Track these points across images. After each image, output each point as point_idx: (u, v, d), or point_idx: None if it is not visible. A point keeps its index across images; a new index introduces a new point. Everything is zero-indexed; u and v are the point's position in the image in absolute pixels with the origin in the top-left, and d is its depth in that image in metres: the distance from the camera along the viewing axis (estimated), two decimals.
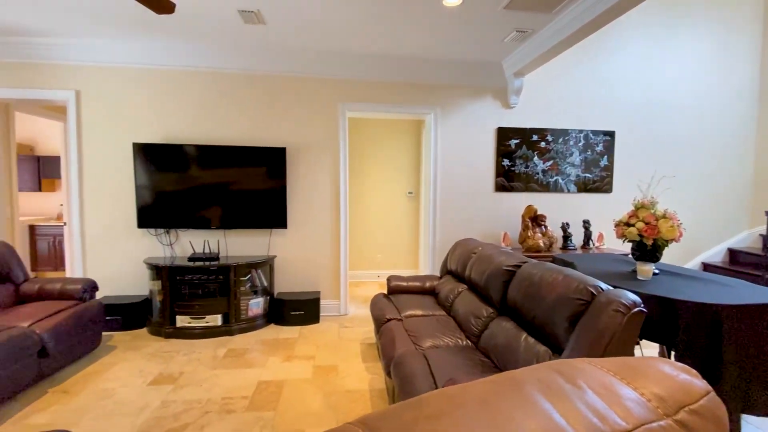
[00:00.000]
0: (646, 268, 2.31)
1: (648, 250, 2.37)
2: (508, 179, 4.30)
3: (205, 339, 3.44)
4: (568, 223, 4.24)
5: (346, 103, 4.03)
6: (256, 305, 3.72)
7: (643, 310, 1.57)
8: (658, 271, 2.49)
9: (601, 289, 1.71)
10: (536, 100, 4.30)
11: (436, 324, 2.65)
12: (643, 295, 2.02)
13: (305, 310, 3.83)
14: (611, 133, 4.43)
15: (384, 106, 4.10)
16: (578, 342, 1.64)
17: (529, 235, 4.05)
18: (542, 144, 4.32)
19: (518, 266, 2.31)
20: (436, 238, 4.28)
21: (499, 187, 4.29)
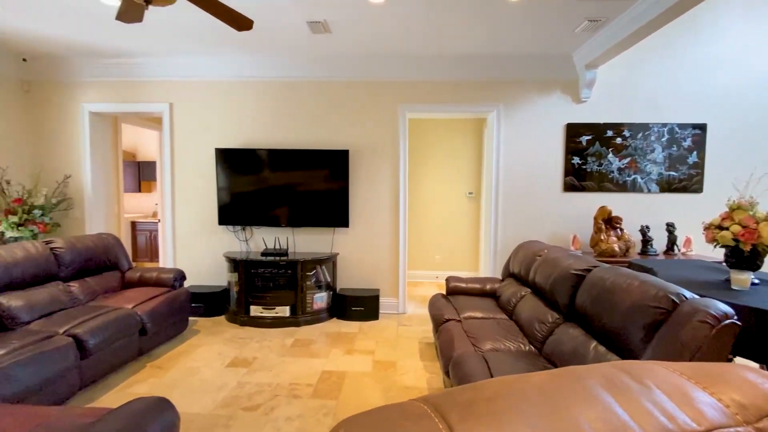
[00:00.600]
0: (742, 277, 2.05)
1: (745, 257, 2.10)
2: (579, 178, 4.04)
3: (275, 328, 3.71)
4: (647, 226, 3.87)
5: (406, 105, 4.08)
6: (320, 299, 3.92)
7: (737, 323, 1.40)
8: (758, 281, 2.19)
9: (685, 298, 1.56)
10: (611, 93, 3.99)
11: (497, 327, 2.59)
12: (738, 307, 1.80)
13: (365, 306, 3.95)
14: (702, 126, 3.96)
15: (444, 106, 4.08)
16: (656, 354, 1.52)
17: (602, 238, 3.77)
18: (618, 140, 3.99)
19: (588, 270, 2.18)
20: (498, 240, 4.16)
21: (568, 187, 4.05)
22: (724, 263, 2.88)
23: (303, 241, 4.23)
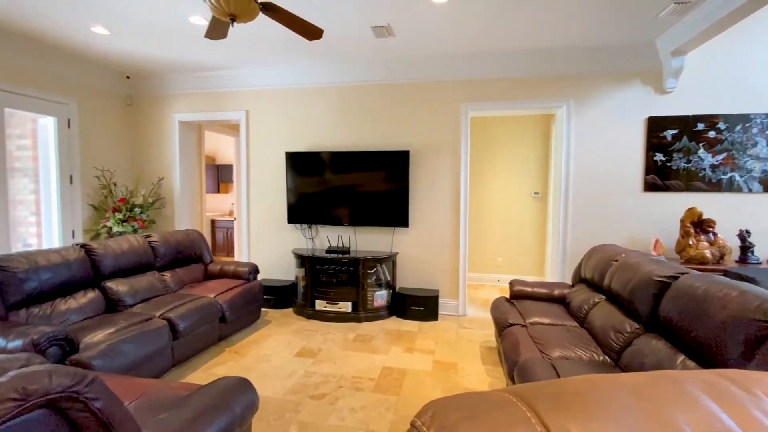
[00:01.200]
0: None
1: None
2: (662, 177, 3.68)
3: (338, 323, 3.86)
4: (748, 231, 3.41)
5: (468, 103, 4.02)
6: (380, 297, 4.00)
7: None
8: None
9: None
10: (701, 82, 3.58)
11: (566, 334, 2.45)
12: None
13: (425, 306, 3.95)
14: None
15: (509, 103, 3.95)
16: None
17: (691, 243, 3.39)
18: (711, 134, 3.57)
19: (674, 277, 1.98)
20: (567, 243, 3.92)
21: (649, 186, 3.71)
22: None
23: (364, 240, 4.35)
